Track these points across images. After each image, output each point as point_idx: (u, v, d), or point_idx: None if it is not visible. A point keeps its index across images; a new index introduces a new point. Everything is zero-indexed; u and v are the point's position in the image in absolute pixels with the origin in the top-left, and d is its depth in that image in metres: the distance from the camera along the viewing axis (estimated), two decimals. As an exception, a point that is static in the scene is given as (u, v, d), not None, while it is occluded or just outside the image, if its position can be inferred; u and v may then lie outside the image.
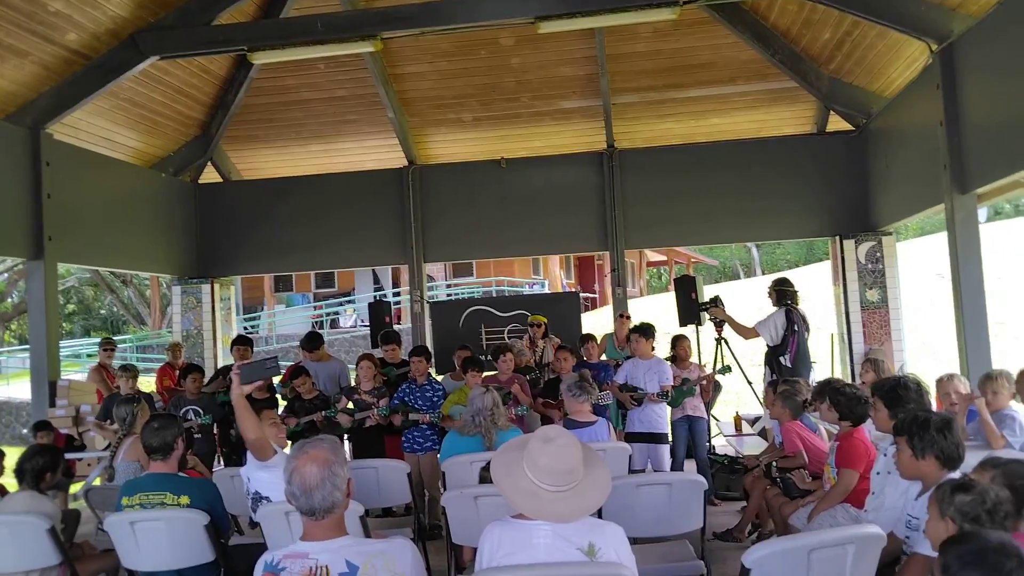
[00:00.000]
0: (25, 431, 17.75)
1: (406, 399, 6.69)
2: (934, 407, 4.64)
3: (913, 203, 8.41)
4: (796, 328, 7.48)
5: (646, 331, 7.00)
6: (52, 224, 8.47)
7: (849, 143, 10.04)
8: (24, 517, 4.27)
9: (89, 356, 24.81)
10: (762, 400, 8.48)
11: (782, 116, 10.77)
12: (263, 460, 4.21)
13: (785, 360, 7.45)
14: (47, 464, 4.67)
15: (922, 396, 3.92)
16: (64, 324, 33.77)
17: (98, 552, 5.03)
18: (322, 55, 8.84)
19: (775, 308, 7.75)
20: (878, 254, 9.81)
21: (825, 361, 10.60)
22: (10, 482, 5.86)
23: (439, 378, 7.56)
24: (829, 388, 4.82)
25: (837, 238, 10.05)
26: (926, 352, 14.25)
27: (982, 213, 7.85)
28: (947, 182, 7.03)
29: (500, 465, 2.87)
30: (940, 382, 5.41)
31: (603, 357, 8.47)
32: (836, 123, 10.26)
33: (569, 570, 2.65)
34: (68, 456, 7.62)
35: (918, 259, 19.03)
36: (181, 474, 4.29)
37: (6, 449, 6.13)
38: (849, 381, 7.89)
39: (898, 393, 3.89)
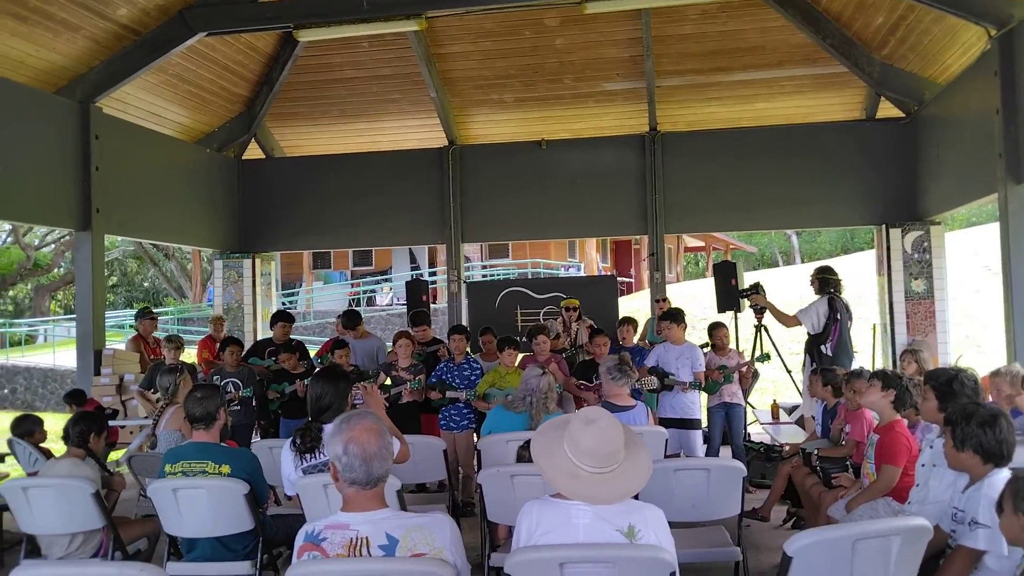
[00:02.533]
0: (70, 398, 18.20)
1: (444, 377, 6.73)
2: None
3: (964, 193, 8.21)
4: (839, 316, 7.36)
5: (676, 316, 6.96)
6: (100, 196, 8.62)
7: (899, 130, 9.81)
8: (70, 481, 4.37)
9: (132, 327, 25.32)
10: (801, 389, 8.38)
11: (831, 101, 10.56)
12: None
13: (826, 349, 7.33)
14: (91, 427, 4.79)
15: (977, 395, 3.83)
16: (108, 296, 34.46)
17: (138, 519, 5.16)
18: (367, 33, 8.85)
19: (817, 296, 7.63)
20: (925, 244, 9.61)
21: (867, 351, 10.43)
22: (55, 447, 6.04)
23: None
24: (882, 374, 4.72)
25: (883, 227, 9.85)
26: (970, 344, 13.96)
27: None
28: (1002, 172, 6.85)
29: (540, 445, 2.87)
30: (991, 376, 5.28)
31: (645, 342, 8.46)
32: (886, 110, 10.03)
33: (609, 551, 2.64)
34: (113, 423, 7.82)
35: (963, 250, 18.61)
36: (222, 444, 4.36)
37: (52, 416, 6.30)
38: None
39: (953, 388, 3.80)
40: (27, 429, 5.96)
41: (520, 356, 7.76)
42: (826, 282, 7.60)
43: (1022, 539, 2.58)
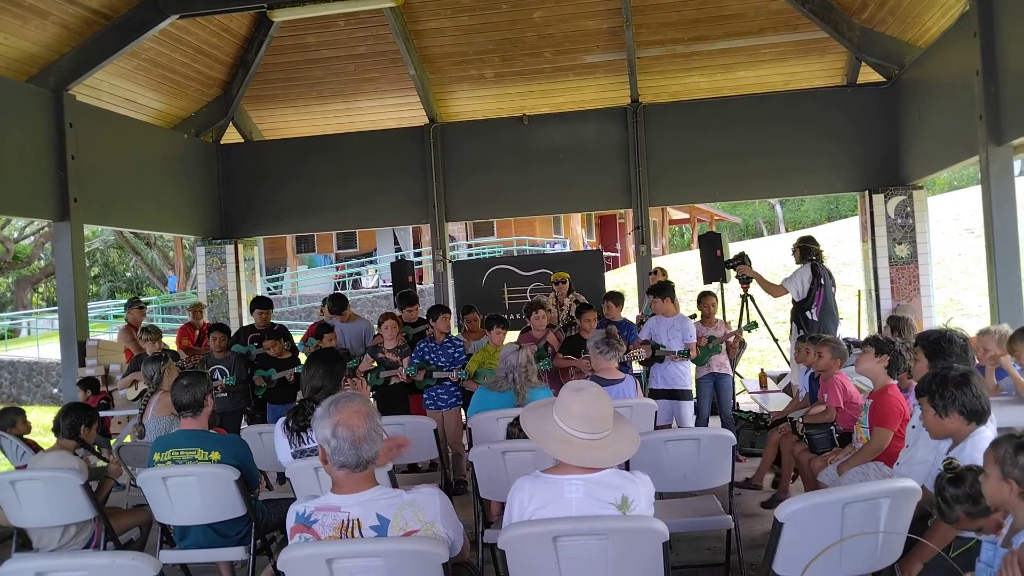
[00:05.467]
0: (56, 391, 18.11)
1: (427, 357, 6.69)
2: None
3: (946, 156, 8.22)
4: (823, 282, 7.45)
5: (661, 291, 7.02)
6: (77, 186, 8.49)
7: (880, 95, 9.80)
8: (58, 473, 4.33)
9: (116, 317, 25.17)
10: (789, 357, 8.42)
11: (812, 68, 10.52)
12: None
13: (811, 314, 7.40)
14: (80, 419, 4.75)
15: (966, 351, 3.85)
16: (90, 286, 34.17)
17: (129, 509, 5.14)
18: (342, 11, 8.74)
19: (799, 264, 7.70)
20: (908, 208, 9.63)
21: (853, 318, 10.49)
22: (44, 440, 5.99)
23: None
24: (876, 339, 4.74)
25: (866, 193, 9.87)
26: (955, 308, 14.08)
27: (1016, 165, 7.68)
28: (982, 133, 6.86)
29: (531, 419, 2.88)
30: (979, 335, 5.32)
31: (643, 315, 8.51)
32: (867, 74, 10.01)
33: (601, 523, 2.64)
34: (104, 414, 7.79)
35: (946, 214, 18.74)
36: (211, 431, 4.34)
37: (39, 409, 6.25)
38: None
39: (942, 345, 3.83)
40: (9, 421, 5.90)
41: (516, 334, 7.77)
42: (807, 250, 7.70)
43: (1010, 503, 2.57)
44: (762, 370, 8.62)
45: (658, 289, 7.08)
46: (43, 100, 8.29)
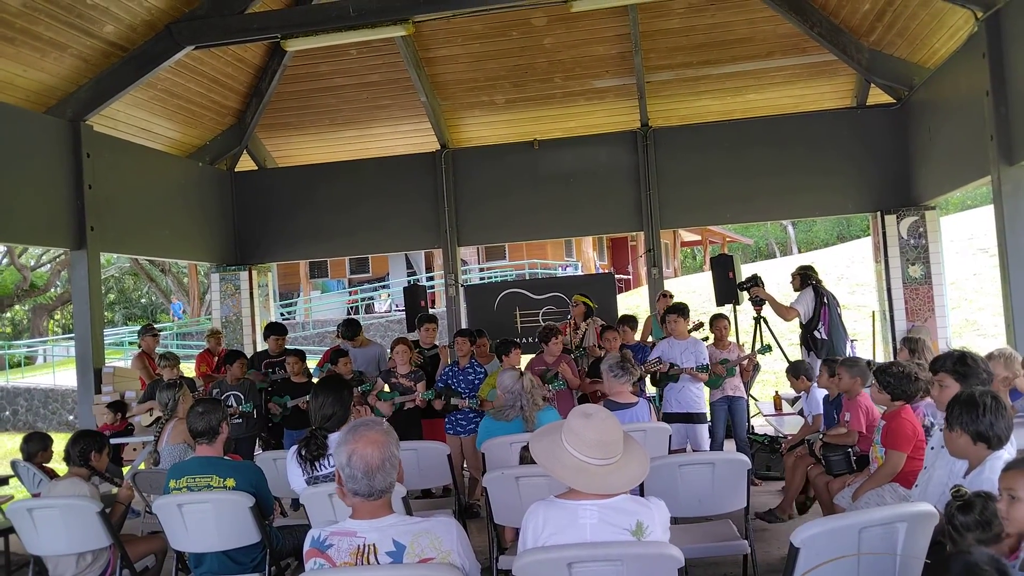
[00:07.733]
0: (72, 417, 18.19)
1: (450, 382, 6.72)
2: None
3: (958, 176, 8.22)
4: (826, 300, 7.57)
5: (683, 311, 6.97)
6: (94, 214, 8.60)
7: (890, 116, 9.82)
8: (74, 500, 4.35)
9: (131, 344, 25.30)
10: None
11: (821, 90, 10.56)
12: None
13: (820, 332, 7.48)
14: (90, 445, 4.76)
15: (988, 370, 3.83)
16: (105, 313, 34.39)
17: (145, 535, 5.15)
18: (355, 40, 8.85)
19: (799, 290, 7.86)
20: (921, 229, 9.61)
21: (867, 339, 10.44)
22: (61, 467, 6.01)
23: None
24: (876, 370, 4.71)
25: (878, 214, 9.86)
26: (970, 328, 13.97)
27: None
28: (994, 154, 6.86)
29: (541, 450, 2.86)
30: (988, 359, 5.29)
31: (650, 338, 8.47)
32: (877, 96, 10.04)
33: (616, 549, 2.63)
34: (118, 441, 7.81)
35: (959, 234, 18.63)
36: (226, 457, 4.35)
37: (54, 435, 6.29)
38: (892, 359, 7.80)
39: (968, 364, 3.79)
40: (40, 445, 5.91)
41: (527, 357, 7.76)
42: (807, 276, 7.87)
43: None
44: (776, 392, 8.56)
45: (680, 308, 7.03)
46: (61, 131, 8.42)
